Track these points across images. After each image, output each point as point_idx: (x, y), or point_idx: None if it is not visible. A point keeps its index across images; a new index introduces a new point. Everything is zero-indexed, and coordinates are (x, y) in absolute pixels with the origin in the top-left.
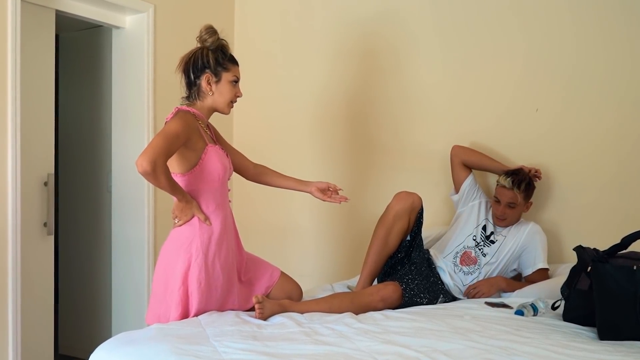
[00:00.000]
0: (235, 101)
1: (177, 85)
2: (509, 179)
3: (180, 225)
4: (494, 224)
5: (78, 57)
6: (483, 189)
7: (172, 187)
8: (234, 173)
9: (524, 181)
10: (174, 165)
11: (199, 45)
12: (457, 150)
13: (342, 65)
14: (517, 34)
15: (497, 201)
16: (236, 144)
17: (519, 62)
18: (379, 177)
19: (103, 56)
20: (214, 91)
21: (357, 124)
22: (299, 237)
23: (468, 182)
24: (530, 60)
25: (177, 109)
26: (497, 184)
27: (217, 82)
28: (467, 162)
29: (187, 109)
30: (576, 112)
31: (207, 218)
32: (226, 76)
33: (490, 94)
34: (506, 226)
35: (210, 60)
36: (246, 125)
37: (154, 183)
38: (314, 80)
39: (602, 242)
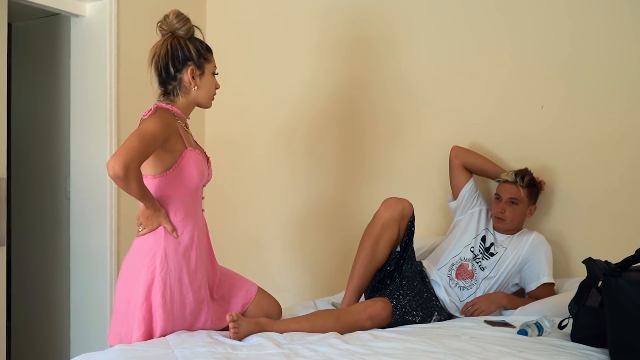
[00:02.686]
0: (215, 94)
1: (142, 80)
2: (511, 172)
3: (144, 234)
4: (494, 234)
5: (33, 48)
6: (484, 196)
7: (142, 194)
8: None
9: (527, 175)
10: (145, 166)
11: (162, 33)
12: (457, 151)
13: (327, 56)
14: (523, 23)
15: (497, 198)
16: (209, 145)
17: (522, 55)
18: (367, 182)
19: (60, 47)
20: (199, 85)
21: (342, 123)
22: (278, 249)
23: (468, 188)
24: (535, 52)
25: (155, 106)
26: (499, 182)
27: (201, 75)
28: (468, 165)
29: (167, 106)
30: (584, 109)
31: (174, 229)
32: (209, 68)
33: (492, 90)
34: (506, 230)
35: (191, 51)
36: (220, 125)
37: (123, 188)
38: (296, 73)
39: (614, 254)
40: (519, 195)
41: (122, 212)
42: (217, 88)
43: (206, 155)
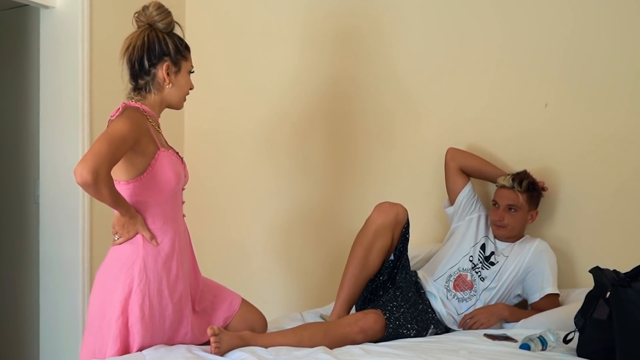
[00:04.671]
0: (188, 94)
1: (117, 77)
2: (508, 177)
3: (120, 243)
4: (495, 241)
5: None
6: (482, 201)
7: (115, 201)
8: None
9: (526, 179)
10: (117, 171)
11: (138, 25)
12: (453, 154)
13: (313, 51)
14: (524, 14)
15: (495, 205)
16: (188, 146)
17: (524, 49)
18: (358, 185)
19: (29, 41)
20: (174, 82)
21: (331, 122)
22: (262, 258)
23: (466, 192)
24: (537, 45)
25: (124, 105)
26: (496, 187)
27: (177, 72)
28: (465, 168)
29: (136, 105)
30: (589, 107)
31: (153, 237)
32: (185, 66)
33: (491, 87)
34: (506, 237)
35: (169, 46)
36: (200, 125)
37: (94, 195)
38: (280, 68)
39: (624, 263)
40: (517, 202)
41: (96, 217)
42: (190, 88)
43: (180, 156)
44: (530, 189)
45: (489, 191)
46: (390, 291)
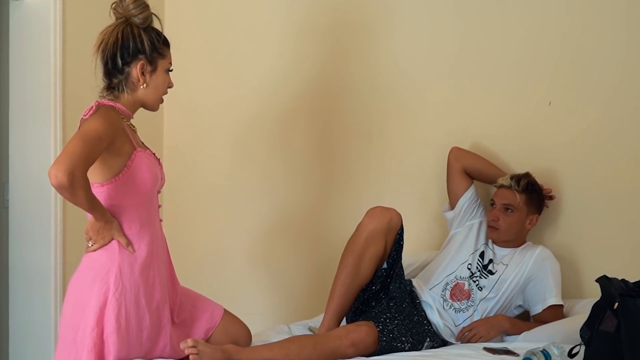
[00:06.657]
0: (167, 93)
1: (91, 74)
2: (507, 176)
3: (94, 250)
4: (494, 248)
5: None
6: (485, 206)
7: (91, 204)
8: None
9: (525, 179)
10: (91, 174)
11: (116, 17)
12: (457, 154)
13: (300, 44)
14: (530, 6)
15: (492, 205)
16: (167, 149)
17: (529, 43)
18: (349, 189)
19: None
20: (148, 82)
21: (319, 120)
22: (246, 266)
23: (468, 196)
24: (543, 39)
25: (97, 103)
26: (495, 188)
27: (153, 71)
28: (470, 169)
29: (110, 103)
30: (597, 106)
31: (129, 243)
32: (162, 64)
33: (492, 83)
34: (501, 241)
35: (145, 43)
36: (177, 124)
37: (69, 198)
38: (263, 64)
39: (632, 271)
40: (514, 201)
41: (69, 223)
42: (169, 87)
43: (157, 157)
44: (529, 190)
45: (490, 194)
46: (383, 302)
